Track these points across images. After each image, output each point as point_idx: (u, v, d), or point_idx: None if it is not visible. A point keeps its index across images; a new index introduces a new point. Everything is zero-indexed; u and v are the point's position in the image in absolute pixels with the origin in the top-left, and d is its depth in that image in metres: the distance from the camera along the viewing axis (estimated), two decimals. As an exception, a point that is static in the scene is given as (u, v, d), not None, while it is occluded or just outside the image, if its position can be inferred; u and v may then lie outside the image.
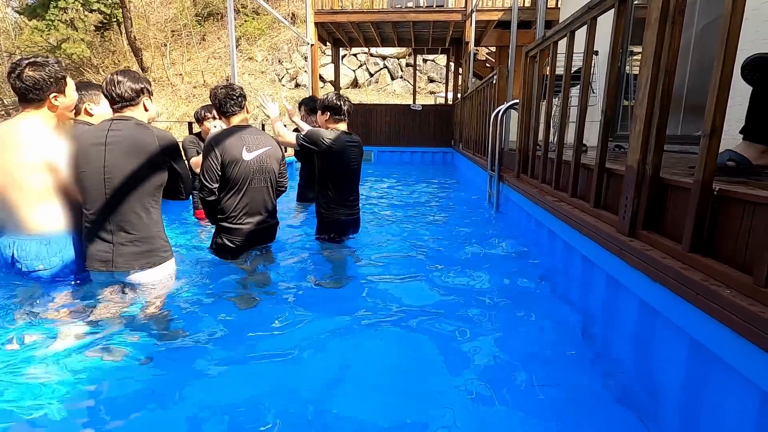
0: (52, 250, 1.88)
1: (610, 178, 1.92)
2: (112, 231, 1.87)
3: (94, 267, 1.91)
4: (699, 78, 3.32)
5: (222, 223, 2.51)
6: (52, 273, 1.90)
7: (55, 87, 1.84)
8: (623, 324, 1.65)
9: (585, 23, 2.12)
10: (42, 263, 1.86)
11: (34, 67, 1.79)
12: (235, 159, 2.39)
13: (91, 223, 1.89)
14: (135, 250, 1.91)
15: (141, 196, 1.88)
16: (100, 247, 1.89)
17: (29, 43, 21.21)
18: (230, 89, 2.46)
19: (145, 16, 23.51)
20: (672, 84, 1.43)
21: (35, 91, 1.79)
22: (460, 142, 8.68)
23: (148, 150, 1.85)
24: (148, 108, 1.96)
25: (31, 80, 1.77)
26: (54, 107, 1.86)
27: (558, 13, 7.75)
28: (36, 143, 1.82)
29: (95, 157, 1.82)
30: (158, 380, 1.64)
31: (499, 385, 1.61)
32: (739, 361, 1.03)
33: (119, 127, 1.85)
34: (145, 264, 1.94)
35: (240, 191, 2.45)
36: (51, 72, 1.82)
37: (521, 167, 3.45)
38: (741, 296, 1.04)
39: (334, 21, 9.20)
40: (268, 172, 2.54)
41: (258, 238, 2.62)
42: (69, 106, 1.94)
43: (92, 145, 1.82)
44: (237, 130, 2.45)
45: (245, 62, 21.71)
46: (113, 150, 1.82)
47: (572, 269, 2.25)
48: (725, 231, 1.22)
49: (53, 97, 1.84)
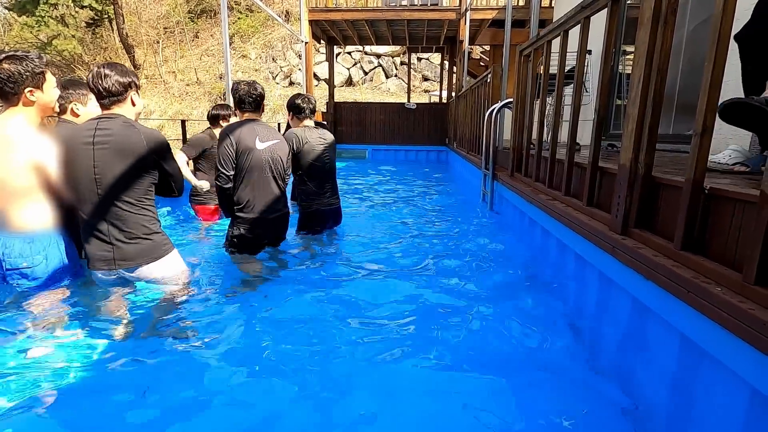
0: (36, 248, 1.87)
1: (603, 176, 1.94)
2: (109, 231, 1.87)
3: (96, 267, 1.91)
4: (690, 77, 3.35)
5: (238, 214, 2.57)
6: (35, 271, 1.89)
7: (31, 82, 1.80)
8: (615, 321, 1.66)
9: (578, 22, 2.13)
10: (25, 261, 1.86)
11: (11, 61, 1.75)
12: (248, 148, 2.48)
13: (87, 223, 1.88)
14: (136, 248, 1.91)
15: (133, 195, 1.87)
16: (99, 246, 1.89)
17: (19, 40, 20.93)
18: (252, 88, 2.56)
19: (137, 12, 23.28)
20: (664, 83, 1.44)
21: (9, 84, 1.75)
22: (455, 140, 8.69)
23: (137, 150, 1.83)
24: (135, 102, 1.92)
25: (6, 73, 1.74)
26: (30, 102, 1.82)
27: (552, 12, 7.79)
28: (21, 142, 1.79)
29: (84, 157, 1.79)
30: (162, 378, 1.64)
31: (486, 383, 1.62)
32: (729, 357, 1.04)
33: (106, 126, 1.81)
34: (149, 259, 1.95)
35: (253, 180, 2.53)
36: (28, 66, 1.78)
37: (515, 166, 3.47)
38: (731, 293, 1.05)
39: (328, 19, 9.17)
40: (277, 163, 2.63)
41: (273, 228, 2.70)
42: (47, 102, 1.89)
43: (80, 145, 1.80)
44: (249, 122, 2.58)
45: (239, 60, 21.57)
46: (101, 150, 1.79)
47: (565, 267, 2.26)
48: (716, 229, 1.23)
49: (29, 92, 1.80)
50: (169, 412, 1.46)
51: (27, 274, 1.88)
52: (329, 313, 2.15)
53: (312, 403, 1.52)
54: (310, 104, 3.15)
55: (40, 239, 1.89)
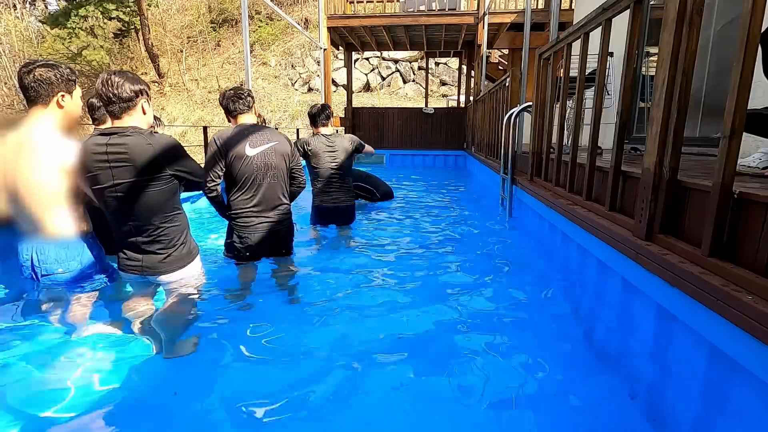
0: (71, 253, 1.92)
1: (625, 181, 1.90)
2: (136, 242, 1.92)
3: (125, 270, 1.99)
4: (718, 79, 3.25)
5: (233, 220, 2.51)
6: (71, 276, 1.93)
7: (65, 87, 1.86)
8: (640, 329, 1.62)
9: (599, 24, 2.10)
10: (61, 266, 1.90)
11: (46, 68, 1.83)
12: (238, 155, 2.40)
13: (115, 232, 1.94)
14: (161, 258, 1.96)
15: (157, 209, 1.89)
16: (128, 254, 1.95)
17: (51, 51, 21.79)
18: (238, 90, 2.53)
19: (162, 23, 24.02)
20: (690, 85, 1.40)
21: (44, 86, 1.81)
22: (473, 145, 8.64)
23: (152, 165, 1.80)
24: (146, 111, 1.89)
25: (43, 76, 1.81)
26: (61, 106, 1.87)
27: (572, 15, 7.68)
28: (51, 147, 1.84)
29: (102, 176, 1.79)
30: (181, 381, 1.67)
31: (505, 389, 1.59)
32: (760, 368, 1.00)
33: (117, 141, 1.77)
34: (175, 267, 2.01)
35: (246, 188, 2.46)
36: (62, 72, 1.86)
37: (534, 170, 3.42)
38: (763, 302, 1.01)
39: (346, 25, 9.26)
40: (275, 168, 2.52)
41: (269, 239, 2.57)
42: (74, 110, 1.94)
43: (96, 162, 1.78)
44: (241, 128, 2.47)
45: (259, 67, 21.99)
46: (118, 168, 1.78)
47: (587, 273, 2.22)
48: (746, 235, 1.19)
49: (61, 96, 1.86)
50: (190, 412, 1.48)
51: (62, 279, 1.92)
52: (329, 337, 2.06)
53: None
54: (322, 113, 3.51)
55: (75, 245, 1.93)
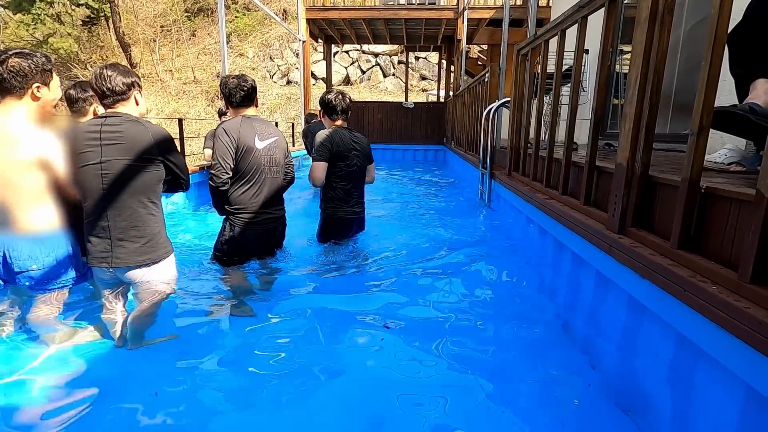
0: (45, 249, 1.84)
1: (600, 175, 1.94)
2: (110, 227, 1.85)
3: (93, 263, 1.90)
4: (687, 77, 3.36)
5: (234, 216, 2.44)
6: (45, 273, 1.85)
7: (40, 78, 1.79)
8: (611, 319, 1.67)
9: (576, 22, 2.13)
10: (35, 263, 1.82)
11: (21, 57, 1.75)
12: (248, 147, 2.35)
13: (90, 219, 1.86)
14: (133, 247, 1.88)
15: (138, 192, 1.86)
16: (98, 243, 1.87)
17: (14, 38, 20.81)
18: (242, 80, 2.42)
19: (133, 11, 23.17)
20: (661, 83, 1.45)
21: (18, 77, 1.73)
22: (452, 139, 8.70)
23: (144, 147, 1.82)
24: (138, 102, 1.92)
25: (17, 67, 1.73)
26: (36, 98, 1.80)
27: (549, 12, 7.79)
28: (26, 139, 1.76)
29: (91, 153, 1.79)
30: (161, 381, 1.63)
31: (480, 378, 1.63)
32: (725, 356, 1.05)
33: (113, 122, 1.81)
34: (145, 260, 1.91)
35: (252, 181, 2.42)
36: (38, 62, 1.78)
37: (512, 165, 3.47)
38: (727, 292, 1.05)
39: (325, 18, 9.16)
40: (277, 163, 2.51)
41: (269, 236, 2.58)
42: (52, 101, 1.88)
43: (86, 141, 1.79)
44: (247, 119, 2.43)
45: (236, 59, 21.51)
46: (109, 146, 1.79)
47: (562, 266, 2.27)
48: (712, 228, 1.24)
49: (36, 87, 1.79)
50: (171, 412, 1.46)
51: (36, 276, 1.85)
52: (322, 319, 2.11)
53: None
54: (343, 102, 2.84)
55: (49, 240, 1.85)
